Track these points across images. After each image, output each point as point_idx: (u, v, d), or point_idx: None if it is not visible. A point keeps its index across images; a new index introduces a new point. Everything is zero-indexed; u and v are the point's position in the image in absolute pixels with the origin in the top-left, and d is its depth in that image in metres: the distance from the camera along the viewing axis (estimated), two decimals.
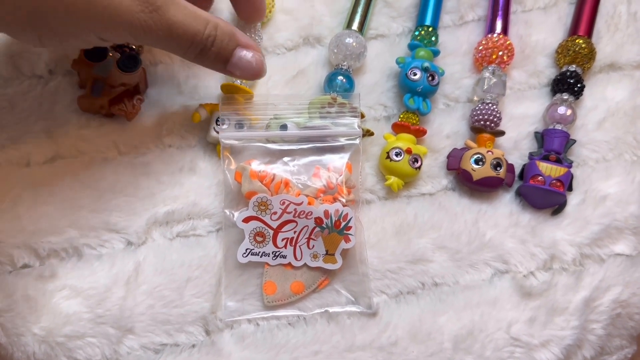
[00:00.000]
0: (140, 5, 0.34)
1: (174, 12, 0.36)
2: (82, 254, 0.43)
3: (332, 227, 0.42)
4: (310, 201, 0.42)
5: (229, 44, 0.40)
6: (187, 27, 0.37)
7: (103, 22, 0.34)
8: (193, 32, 0.37)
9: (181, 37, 0.37)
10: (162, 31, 0.36)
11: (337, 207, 0.42)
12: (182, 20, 0.37)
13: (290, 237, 0.42)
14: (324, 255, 0.43)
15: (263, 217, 0.42)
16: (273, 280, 0.42)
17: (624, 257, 0.46)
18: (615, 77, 0.52)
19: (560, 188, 0.46)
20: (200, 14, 0.38)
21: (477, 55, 0.50)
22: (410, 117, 0.48)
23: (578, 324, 0.44)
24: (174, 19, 0.36)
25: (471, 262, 0.45)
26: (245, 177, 0.43)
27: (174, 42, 0.37)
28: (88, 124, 0.46)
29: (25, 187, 0.43)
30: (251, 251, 0.42)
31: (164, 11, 0.36)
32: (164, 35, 0.36)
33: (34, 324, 0.40)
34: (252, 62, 0.41)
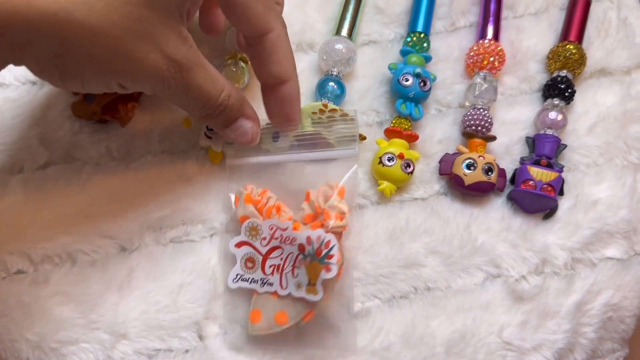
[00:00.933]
0: (167, 65, 0.34)
1: (196, 76, 0.36)
2: (75, 259, 0.43)
3: (314, 255, 0.40)
4: (296, 226, 0.41)
5: (236, 113, 0.40)
6: (204, 92, 0.37)
7: (126, 73, 0.34)
8: (207, 98, 0.38)
9: (196, 99, 0.37)
10: (180, 90, 0.36)
11: (319, 233, 0.40)
12: (201, 85, 0.37)
13: (277, 264, 0.41)
14: (306, 285, 0.40)
15: (254, 242, 0.42)
16: (259, 308, 0.41)
17: (615, 261, 0.47)
18: (605, 83, 0.52)
19: (551, 193, 0.46)
20: (218, 79, 0.38)
21: (469, 61, 0.51)
22: (403, 122, 0.48)
23: (570, 327, 0.44)
24: (195, 82, 0.36)
25: (463, 267, 0.45)
26: (241, 202, 0.43)
27: (187, 102, 0.38)
28: (81, 130, 0.46)
29: (18, 193, 0.44)
30: (241, 277, 0.42)
31: (187, 73, 0.35)
32: (180, 94, 0.36)
33: (28, 330, 0.40)
34: (248, 133, 0.41)
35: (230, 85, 0.39)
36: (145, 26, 0.32)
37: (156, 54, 0.33)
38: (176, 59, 0.34)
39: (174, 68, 0.34)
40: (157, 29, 0.33)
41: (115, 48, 0.32)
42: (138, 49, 0.33)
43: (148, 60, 0.33)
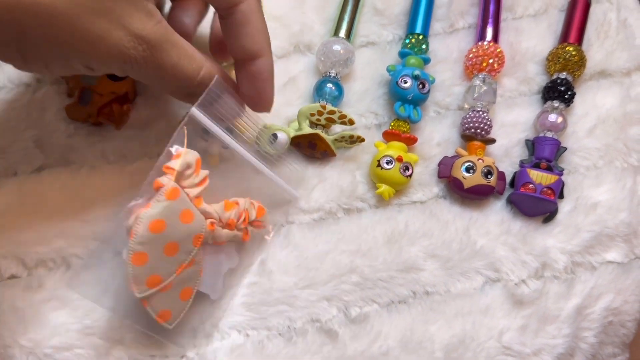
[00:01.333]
0: (132, 42, 0.32)
1: (169, 54, 0.34)
2: (70, 264, 0.42)
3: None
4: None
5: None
6: (180, 71, 0.35)
7: (89, 53, 0.32)
8: (185, 77, 0.36)
9: (172, 79, 0.35)
10: (153, 70, 0.34)
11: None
12: (176, 63, 0.35)
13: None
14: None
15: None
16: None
17: (615, 264, 0.46)
18: (605, 84, 0.52)
19: (551, 196, 0.46)
20: (195, 56, 0.36)
21: (468, 62, 0.50)
22: (401, 124, 0.47)
23: (570, 332, 0.44)
24: (168, 60, 0.34)
25: (462, 271, 0.45)
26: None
27: (163, 82, 0.36)
28: (76, 133, 0.45)
29: (12, 196, 0.43)
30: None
31: (157, 51, 0.33)
32: (155, 75, 0.35)
33: (22, 336, 0.40)
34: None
35: (210, 62, 0.37)
36: (105, 2, 0.31)
37: (119, 32, 0.32)
38: (142, 35, 0.32)
39: (141, 46, 0.33)
40: (117, 4, 0.31)
41: (74, 27, 0.31)
42: (98, 27, 0.31)
43: (110, 38, 0.31)
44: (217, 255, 0.40)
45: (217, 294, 0.41)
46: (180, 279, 0.38)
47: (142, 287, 0.36)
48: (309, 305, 0.43)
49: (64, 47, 0.32)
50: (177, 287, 0.38)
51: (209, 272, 0.40)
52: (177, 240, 0.37)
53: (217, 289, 0.41)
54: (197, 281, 0.39)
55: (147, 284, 0.37)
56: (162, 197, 0.36)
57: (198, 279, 0.39)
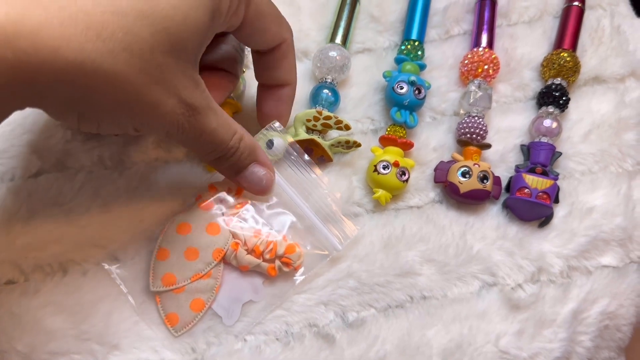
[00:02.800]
0: (182, 109, 0.34)
1: (210, 120, 0.36)
2: (67, 269, 0.42)
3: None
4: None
5: (248, 158, 0.40)
6: (216, 136, 0.37)
7: (144, 118, 0.33)
8: (220, 141, 0.37)
9: (208, 143, 0.37)
10: (194, 134, 0.36)
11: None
12: (215, 128, 0.36)
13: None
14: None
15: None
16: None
17: (610, 268, 0.46)
18: (600, 90, 0.52)
19: (546, 200, 0.46)
20: (231, 123, 0.38)
21: (463, 69, 0.51)
22: (398, 130, 0.48)
23: (566, 336, 0.44)
24: (208, 126, 0.36)
25: (459, 275, 0.45)
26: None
27: (199, 145, 0.37)
28: (73, 138, 0.45)
29: (9, 201, 0.43)
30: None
31: (201, 117, 0.35)
32: (194, 138, 0.36)
33: (18, 341, 0.40)
34: (262, 180, 0.41)
35: (242, 130, 0.39)
36: (165, 73, 0.32)
37: (173, 99, 0.33)
38: (190, 103, 0.34)
39: (189, 112, 0.34)
40: (175, 75, 0.33)
41: (136, 94, 0.32)
42: (157, 95, 0.32)
43: (166, 105, 0.33)
44: (240, 281, 0.42)
45: (232, 321, 0.42)
46: (194, 288, 0.41)
47: (157, 282, 0.41)
48: (306, 310, 0.43)
49: (123, 112, 0.33)
50: (189, 294, 0.41)
51: (227, 294, 0.42)
52: (198, 246, 0.41)
53: (233, 315, 0.42)
54: (212, 297, 0.41)
55: (163, 280, 0.41)
56: (196, 205, 0.42)
57: (213, 294, 0.41)
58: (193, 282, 0.41)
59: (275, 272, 0.42)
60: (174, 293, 0.41)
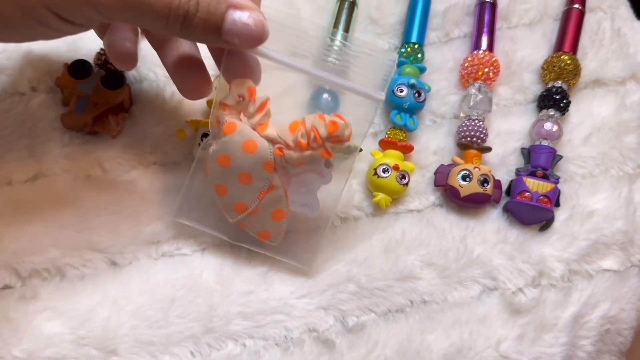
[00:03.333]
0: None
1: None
2: (64, 274, 0.42)
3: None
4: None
5: (218, 6, 0.33)
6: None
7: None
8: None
9: (154, 5, 0.31)
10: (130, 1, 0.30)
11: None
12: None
13: None
14: None
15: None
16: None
17: (611, 272, 0.46)
18: (600, 93, 0.52)
19: (547, 204, 0.46)
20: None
21: (463, 71, 0.50)
22: (397, 133, 0.47)
23: (567, 340, 0.44)
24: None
25: (459, 279, 0.45)
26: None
27: (149, 13, 0.31)
28: (71, 142, 0.45)
29: (6, 205, 0.43)
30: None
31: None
32: (135, 5, 0.30)
33: (15, 347, 0.39)
34: (250, 25, 0.33)
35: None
36: None
37: None
38: None
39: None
40: None
41: None
42: None
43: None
44: (304, 176, 0.40)
45: (315, 211, 0.41)
46: (266, 203, 0.40)
47: (232, 214, 0.41)
48: (305, 314, 0.42)
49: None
50: (265, 210, 0.40)
51: (299, 192, 0.41)
52: (247, 170, 0.39)
53: (314, 206, 0.41)
54: (286, 202, 0.40)
55: (236, 209, 0.40)
56: (221, 133, 0.38)
57: (285, 200, 0.40)
58: (262, 200, 0.40)
59: (330, 154, 0.39)
60: (252, 216, 0.40)
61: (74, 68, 0.45)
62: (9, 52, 0.47)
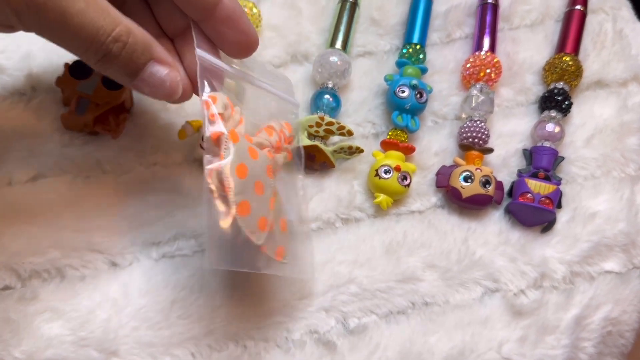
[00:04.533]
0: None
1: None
2: (64, 275, 0.42)
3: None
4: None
5: (142, 55, 0.33)
6: (89, 20, 0.30)
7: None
8: (96, 29, 0.30)
9: (79, 30, 0.30)
10: (55, 15, 0.29)
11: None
12: (83, 10, 0.29)
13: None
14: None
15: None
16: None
17: (613, 274, 0.46)
18: (602, 95, 0.52)
19: (549, 205, 0.46)
20: (112, 12, 0.31)
21: (465, 72, 0.50)
22: (399, 134, 0.47)
23: (569, 342, 0.44)
24: (73, 4, 0.29)
25: (461, 281, 0.44)
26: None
27: (71, 35, 0.30)
28: (71, 143, 0.45)
29: (6, 206, 0.43)
30: None
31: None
32: (58, 23, 0.29)
33: (15, 348, 0.39)
34: (165, 81, 0.34)
35: (130, 22, 0.32)
36: None
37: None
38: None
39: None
40: None
41: None
42: None
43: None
44: (290, 182, 0.40)
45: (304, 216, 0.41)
46: (275, 213, 0.37)
47: (258, 234, 0.36)
48: (307, 316, 0.42)
49: None
50: (276, 221, 0.38)
51: (288, 198, 0.40)
52: (259, 177, 0.36)
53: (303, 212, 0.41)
54: (284, 210, 0.39)
55: (260, 227, 0.36)
56: (229, 142, 0.34)
57: (283, 207, 0.39)
58: (272, 209, 0.37)
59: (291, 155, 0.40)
60: (270, 231, 0.37)
61: (74, 68, 0.44)
62: (9, 52, 0.47)
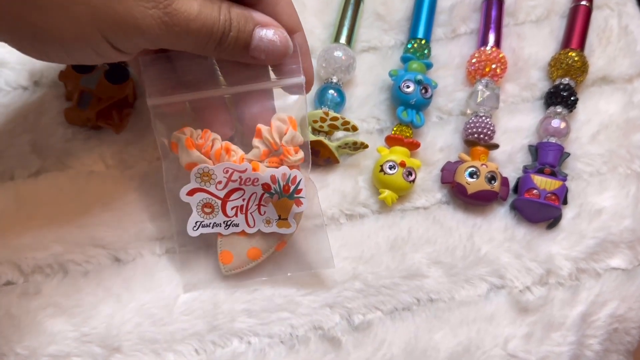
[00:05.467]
0: (150, 2, 0.30)
1: (189, 3, 0.32)
2: (67, 270, 0.41)
3: (281, 192, 0.40)
4: (255, 167, 0.39)
5: (247, 24, 0.35)
6: (205, 18, 0.33)
7: (110, 24, 0.30)
8: (211, 22, 0.33)
9: (200, 30, 0.33)
10: (181, 27, 0.32)
11: (283, 170, 0.39)
12: (199, 11, 0.32)
13: (240, 205, 0.40)
14: (276, 220, 0.40)
15: (208, 187, 0.39)
16: (228, 249, 0.41)
17: (619, 271, 0.46)
18: (608, 90, 0.52)
19: (555, 202, 0.45)
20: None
21: (470, 68, 0.50)
22: (404, 130, 0.47)
23: (575, 339, 0.43)
24: (191, 10, 0.32)
25: (467, 277, 0.44)
26: (182, 148, 0.39)
27: (193, 38, 0.33)
28: (74, 137, 0.45)
29: (8, 201, 0.42)
30: (201, 223, 0.40)
31: (178, 4, 0.31)
32: (183, 32, 0.32)
33: (18, 343, 0.39)
34: (275, 41, 0.36)
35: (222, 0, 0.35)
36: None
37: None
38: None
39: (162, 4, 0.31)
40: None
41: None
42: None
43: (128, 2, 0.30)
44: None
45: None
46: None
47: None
48: (311, 312, 0.42)
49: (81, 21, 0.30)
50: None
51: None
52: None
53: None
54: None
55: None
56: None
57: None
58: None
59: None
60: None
61: None
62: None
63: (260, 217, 0.40)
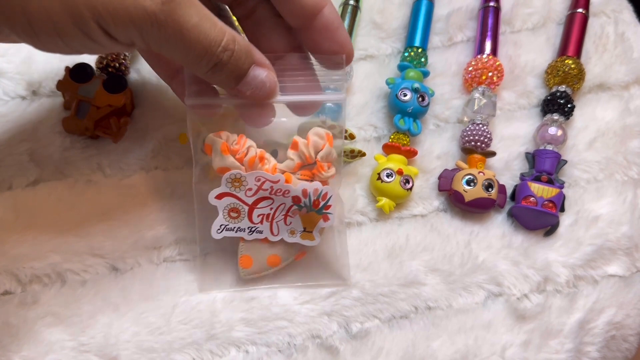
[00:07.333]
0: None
1: (189, 12, 0.31)
2: (65, 279, 0.42)
3: (310, 206, 0.40)
4: (288, 178, 0.39)
5: (246, 60, 0.35)
6: (203, 33, 0.32)
7: (101, 9, 0.29)
8: (209, 41, 0.32)
9: (195, 43, 0.32)
10: (174, 30, 0.31)
11: (316, 186, 0.40)
12: (197, 24, 0.32)
13: (267, 213, 0.40)
14: (301, 232, 0.41)
15: (237, 193, 0.40)
16: (249, 254, 0.41)
17: (617, 278, 0.46)
18: (604, 98, 0.52)
19: (552, 209, 0.45)
20: (218, 22, 0.33)
21: (467, 76, 0.50)
22: (401, 137, 0.47)
23: (573, 346, 0.43)
24: (189, 19, 0.31)
25: (464, 285, 0.44)
26: (216, 152, 0.39)
27: (187, 49, 0.32)
28: (72, 146, 0.45)
29: (7, 210, 0.42)
30: (226, 227, 0.40)
31: (178, 8, 0.31)
32: (176, 37, 0.31)
33: (15, 353, 0.39)
34: (265, 83, 0.36)
35: (233, 31, 0.34)
36: None
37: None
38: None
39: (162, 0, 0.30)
40: None
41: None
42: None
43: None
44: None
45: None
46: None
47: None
48: (309, 320, 0.42)
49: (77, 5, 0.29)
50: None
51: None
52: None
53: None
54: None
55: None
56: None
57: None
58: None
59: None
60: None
61: (75, 71, 0.44)
62: (10, 56, 0.47)
63: (285, 227, 0.41)
